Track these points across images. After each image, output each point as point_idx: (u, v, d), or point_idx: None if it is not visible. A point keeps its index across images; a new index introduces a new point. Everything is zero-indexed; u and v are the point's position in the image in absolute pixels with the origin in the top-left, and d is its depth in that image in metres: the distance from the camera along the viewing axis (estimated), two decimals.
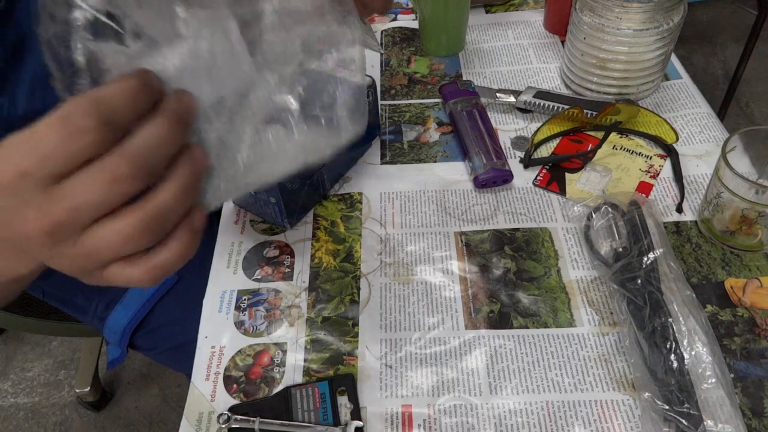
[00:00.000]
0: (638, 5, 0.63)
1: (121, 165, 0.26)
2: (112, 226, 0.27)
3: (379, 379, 0.49)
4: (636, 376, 0.47)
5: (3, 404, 1.34)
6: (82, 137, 0.26)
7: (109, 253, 0.28)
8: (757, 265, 0.54)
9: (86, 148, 0.26)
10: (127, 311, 0.68)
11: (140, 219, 0.28)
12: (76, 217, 0.27)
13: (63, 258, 0.29)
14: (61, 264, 0.29)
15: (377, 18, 0.89)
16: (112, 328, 0.69)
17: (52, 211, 0.27)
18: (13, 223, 0.28)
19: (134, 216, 0.27)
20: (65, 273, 0.30)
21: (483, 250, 0.58)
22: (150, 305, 0.68)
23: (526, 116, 0.72)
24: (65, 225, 0.27)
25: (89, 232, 0.27)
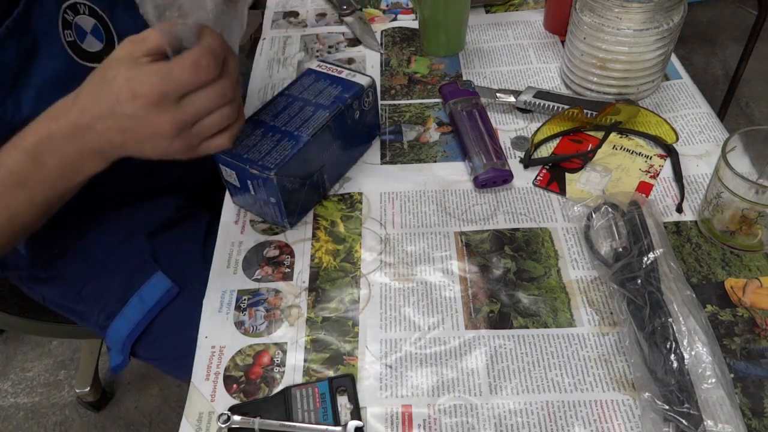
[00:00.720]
0: (638, 5, 0.63)
1: (226, 84, 0.45)
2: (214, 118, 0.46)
3: (379, 379, 0.49)
4: (636, 376, 0.47)
5: (3, 404, 1.34)
6: (206, 73, 0.44)
7: (210, 131, 0.47)
8: (757, 265, 0.54)
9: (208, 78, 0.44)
10: (128, 323, 0.68)
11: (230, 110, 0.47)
12: (196, 117, 0.45)
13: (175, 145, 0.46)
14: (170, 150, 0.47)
15: (377, 18, 0.89)
16: (114, 338, 0.69)
17: (182, 116, 0.44)
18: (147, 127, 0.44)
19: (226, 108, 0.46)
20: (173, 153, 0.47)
21: (483, 250, 0.58)
22: (150, 317, 0.68)
23: (526, 116, 0.72)
24: (189, 122, 0.45)
25: (200, 123, 0.46)
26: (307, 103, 0.61)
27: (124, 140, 0.46)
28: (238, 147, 0.56)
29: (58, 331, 0.91)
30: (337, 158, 0.63)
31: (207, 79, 0.44)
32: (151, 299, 0.68)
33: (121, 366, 0.70)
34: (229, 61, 0.46)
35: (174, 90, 0.43)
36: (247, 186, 0.57)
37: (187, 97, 0.44)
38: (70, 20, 0.60)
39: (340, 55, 0.83)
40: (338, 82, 0.63)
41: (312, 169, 0.59)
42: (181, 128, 0.45)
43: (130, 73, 0.44)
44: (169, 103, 0.43)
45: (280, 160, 0.55)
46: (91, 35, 0.62)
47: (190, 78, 0.43)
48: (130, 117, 0.44)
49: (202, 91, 0.44)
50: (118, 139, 0.46)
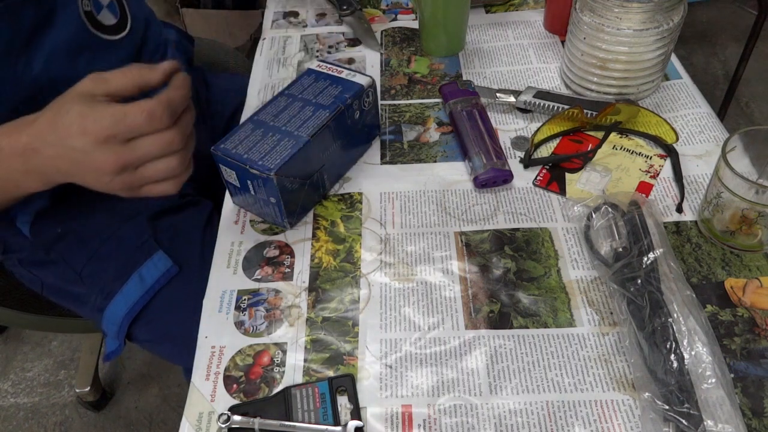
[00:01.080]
0: (638, 5, 0.63)
1: (175, 135, 0.47)
2: (160, 164, 0.47)
3: (379, 379, 0.49)
4: (636, 376, 0.47)
5: (3, 404, 1.34)
6: (159, 123, 0.45)
7: (154, 177, 0.48)
8: (757, 265, 0.54)
9: (159, 127, 0.46)
10: (126, 300, 0.68)
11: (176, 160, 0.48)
12: (140, 161, 0.47)
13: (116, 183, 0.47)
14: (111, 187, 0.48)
15: (377, 18, 0.89)
16: (111, 319, 0.69)
17: (126, 157, 0.46)
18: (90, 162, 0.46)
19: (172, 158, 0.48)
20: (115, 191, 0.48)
21: (483, 250, 0.58)
22: (149, 296, 0.68)
23: (526, 116, 0.72)
24: (132, 164, 0.46)
25: (145, 167, 0.47)
26: (307, 103, 0.61)
27: (68, 169, 0.48)
28: (239, 147, 0.56)
29: (57, 325, 0.91)
30: (337, 158, 0.63)
31: (158, 127, 0.46)
32: (151, 278, 0.68)
33: (116, 352, 0.70)
34: (186, 115, 0.49)
35: (122, 133, 0.45)
36: (247, 186, 0.57)
37: (135, 140, 0.46)
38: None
39: (340, 55, 0.83)
40: (338, 82, 0.63)
41: (312, 169, 0.59)
42: (123, 168, 0.46)
43: (85, 110, 0.46)
44: (116, 144, 0.45)
45: (280, 160, 0.55)
46: (107, 9, 0.66)
47: (141, 125, 0.45)
48: (77, 150, 0.46)
49: (150, 137, 0.46)
50: (63, 167, 0.48)
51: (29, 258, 0.73)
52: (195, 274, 0.67)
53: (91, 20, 0.63)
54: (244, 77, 0.84)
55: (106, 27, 0.65)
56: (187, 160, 0.50)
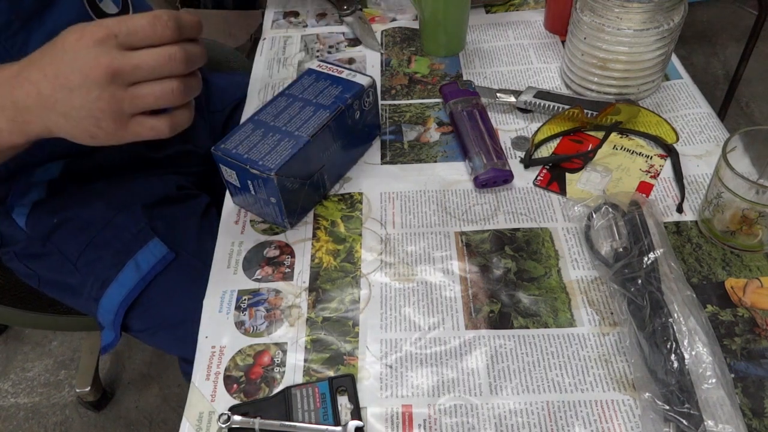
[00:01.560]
0: (638, 5, 0.63)
1: (179, 52, 0.42)
2: (156, 85, 0.42)
3: (380, 379, 0.49)
4: (636, 376, 0.47)
5: (3, 404, 1.34)
6: (162, 30, 0.41)
7: (144, 102, 0.42)
8: (758, 265, 0.54)
9: (160, 37, 0.41)
10: (121, 289, 0.68)
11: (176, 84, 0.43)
12: (134, 72, 0.41)
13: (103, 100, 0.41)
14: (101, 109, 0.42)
15: (377, 18, 0.89)
16: (107, 307, 0.68)
17: (119, 62, 0.41)
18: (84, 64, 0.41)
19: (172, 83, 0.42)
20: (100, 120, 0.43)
21: (483, 250, 0.58)
22: (145, 282, 0.68)
23: (526, 116, 0.72)
24: (125, 73, 0.41)
25: (138, 85, 0.42)
26: (308, 103, 0.61)
27: (51, 92, 0.43)
28: (239, 147, 0.56)
29: (56, 323, 0.91)
30: (337, 158, 0.63)
31: (162, 35, 0.41)
32: (147, 264, 0.68)
33: (111, 344, 0.70)
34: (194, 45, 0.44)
35: (122, 33, 0.40)
36: (248, 186, 0.57)
37: (133, 51, 0.41)
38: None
39: (340, 55, 0.83)
40: (338, 82, 0.63)
41: (312, 169, 0.59)
42: (116, 74, 0.41)
43: (86, 24, 0.42)
44: (112, 46, 0.41)
45: (280, 160, 0.55)
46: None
47: (144, 26, 0.41)
48: (68, 58, 0.41)
49: (151, 49, 0.41)
50: (45, 90, 0.43)
51: (25, 251, 0.73)
52: (191, 262, 0.67)
53: (93, 7, 0.63)
54: (243, 75, 0.84)
55: (107, 15, 0.65)
56: (187, 95, 0.44)
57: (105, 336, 0.70)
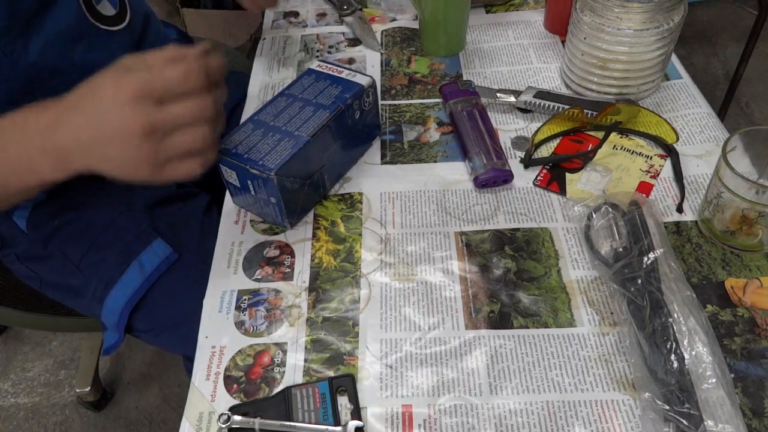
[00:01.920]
0: (638, 5, 0.63)
1: (209, 101, 0.45)
2: (189, 133, 0.45)
3: (380, 379, 0.49)
4: (636, 376, 0.47)
5: (3, 404, 1.34)
6: (194, 81, 0.44)
7: (181, 149, 0.45)
8: (758, 265, 0.54)
9: (192, 89, 0.44)
10: (125, 290, 0.68)
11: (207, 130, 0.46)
12: (170, 125, 0.44)
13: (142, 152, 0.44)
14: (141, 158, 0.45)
15: (377, 18, 0.89)
16: (111, 309, 0.68)
17: (156, 118, 0.43)
18: (122, 119, 0.43)
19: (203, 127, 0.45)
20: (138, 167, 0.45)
21: (483, 250, 0.58)
22: (149, 283, 0.68)
23: (526, 116, 0.72)
24: (161, 127, 0.44)
25: (173, 135, 0.44)
26: (308, 103, 0.61)
27: (91, 140, 0.45)
28: (239, 147, 0.56)
29: (56, 324, 0.91)
30: (337, 158, 0.63)
31: (193, 86, 0.44)
32: (151, 265, 0.68)
33: (115, 345, 0.69)
34: (218, 88, 0.47)
35: (157, 89, 0.43)
36: (248, 186, 0.57)
37: (168, 104, 0.44)
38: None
39: (340, 55, 0.83)
40: (338, 82, 0.63)
41: (312, 169, 0.59)
42: (154, 129, 0.44)
43: (120, 74, 0.45)
44: (148, 102, 0.43)
45: (280, 160, 0.55)
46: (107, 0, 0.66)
47: (177, 80, 0.43)
48: (107, 111, 0.44)
49: (183, 101, 0.44)
50: (85, 137, 0.45)
51: (26, 253, 0.73)
52: (194, 262, 0.67)
53: (90, 10, 0.64)
54: (242, 74, 0.84)
55: (104, 17, 0.65)
56: (216, 135, 0.48)
57: (108, 337, 0.70)
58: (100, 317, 0.70)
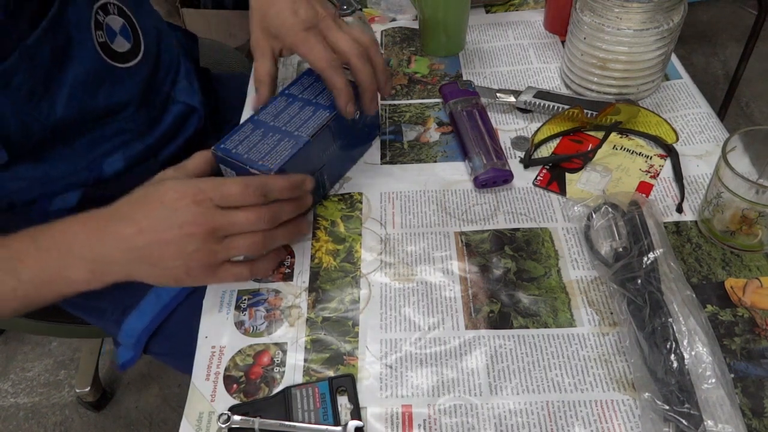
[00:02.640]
0: (638, 5, 0.63)
1: (265, 215, 0.49)
2: (244, 238, 0.48)
3: (379, 379, 0.49)
4: (636, 376, 0.47)
5: (3, 404, 1.34)
6: (251, 195, 0.48)
7: (234, 252, 0.49)
8: (758, 265, 0.54)
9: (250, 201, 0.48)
10: (142, 317, 0.68)
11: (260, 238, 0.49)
12: (229, 228, 0.47)
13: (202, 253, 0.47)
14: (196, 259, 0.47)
15: (377, 18, 0.89)
16: (128, 333, 0.69)
17: (218, 221, 0.47)
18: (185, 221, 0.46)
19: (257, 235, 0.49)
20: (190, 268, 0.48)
21: (483, 250, 0.58)
22: (166, 313, 0.68)
23: (526, 116, 0.72)
24: (221, 230, 0.47)
25: (230, 238, 0.48)
26: (308, 103, 0.61)
27: (147, 245, 0.47)
28: (239, 147, 0.56)
29: (57, 330, 0.91)
30: (337, 158, 0.63)
31: (250, 200, 0.48)
32: (168, 294, 0.68)
33: (130, 362, 0.70)
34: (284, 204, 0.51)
35: (218, 198, 0.47)
36: None
37: (228, 209, 0.48)
38: (102, 21, 0.61)
39: None
40: None
41: (313, 168, 0.59)
42: (214, 231, 0.47)
43: (179, 181, 0.48)
44: (211, 206, 0.47)
45: (280, 160, 0.55)
46: (120, 35, 0.65)
47: (236, 193, 0.47)
48: (167, 214, 0.46)
49: (242, 209, 0.48)
50: (140, 242, 0.47)
51: None
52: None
53: (106, 51, 0.62)
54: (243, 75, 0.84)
55: (121, 55, 0.65)
56: (270, 244, 0.51)
57: (122, 354, 0.70)
58: (117, 337, 0.70)
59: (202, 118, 0.77)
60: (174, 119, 0.74)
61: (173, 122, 0.74)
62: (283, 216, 0.51)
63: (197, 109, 0.76)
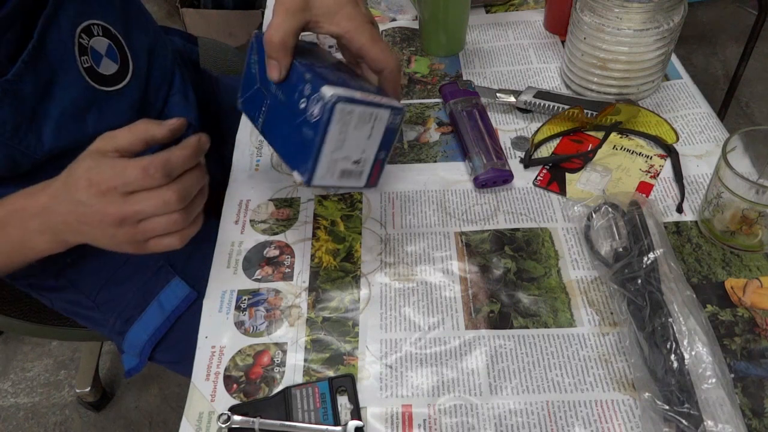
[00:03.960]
0: (638, 5, 0.63)
1: (171, 195, 0.46)
2: (160, 220, 0.47)
3: (379, 379, 0.49)
4: (636, 376, 0.47)
5: (3, 404, 1.34)
6: (152, 179, 0.46)
7: (156, 231, 0.48)
8: (758, 265, 0.54)
9: (153, 184, 0.46)
10: (147, 328, 0.68)
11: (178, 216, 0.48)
12: (138, 215, 0.47)
13: (120, 236, 0.48)
14: (121, 240, 0.49)
15: (377, 18, 0.89)
16: (133, 343, 0.69)
17: (125, 209, 0.46)
18: (94, 214, 0.47)
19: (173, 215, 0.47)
20: (122, 246, 0.49)
21: (483, 250, 0.58)
22: (169, 323, 0.68)
23: (526, 116, 0.72)
24: (131, 217, 0.47)
25: (145, 221, 0.47)
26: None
27: (78, 224, 0.49)
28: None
29: (57, 333, 0.91)
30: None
31: (152, 184, 0.46)
32: (170, 305, 0.68)
33: (135, 369, 0.70)
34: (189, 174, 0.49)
35: (120, 186, 0.46)
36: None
37: (133, 194, 0.47)
38: (86, 45, 0.59)
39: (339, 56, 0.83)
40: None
41: None
42: (123, 220, 0.47)
43: (92, 164, 0.47)
44: (116, 196, 0.46)
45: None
46: (107, 57, 0.62)
47: (136, 178, 0.46)
48: (82, 203, 0.47)
49: (146, 192, 0.47)
50: (73, 223, 0.49)
51: (39, 283, 0.72)
52: None
53: (92, 75, 0.60)
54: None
55: (108, 78, 0.62)
56: (191, 216, 0.50)
57: (128, 361, 0.70)
58: (121, 346, 0.70)
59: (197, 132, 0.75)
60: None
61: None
62: (194, 189, 0.49)
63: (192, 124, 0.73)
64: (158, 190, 0.47)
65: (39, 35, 0.55)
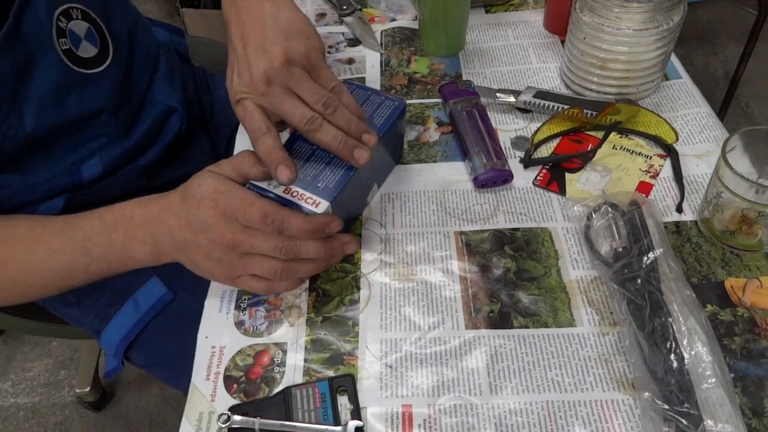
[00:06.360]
0: (638, 5, 0.63)
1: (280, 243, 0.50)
2: (263, 261, 0.50)
3: (379, 379, 0.49)
4: (636, 376, 0.47)
5: (3, 404, 1.34)
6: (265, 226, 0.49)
7: (252, 271, 0.51)
8: (757, 264, 0.54)
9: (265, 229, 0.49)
10: (120, 328, 0.68)
11: (280, 267, 0.51)
12: (251, 248, 0.50)
13: (224, 262, 0.51)
14: (219, 265, 0.51)
15: (377, 18, 0.89)
16: (107, 342, 0.69)
17: (241, 237, 0.49)
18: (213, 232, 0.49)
19: (277, 263, 0.50)
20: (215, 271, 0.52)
21: (483, 250, 0.58)
22: (142, 324, 0.68)
23: (526, 116, 0.72)
24: (243, 246, 0.50)
25: (250, 256, 0.50)
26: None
27: (185, 239, 0.51)
28: None
29: (56, 331, 0.91)
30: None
31: (268, 230, 0.49)
32: (146, 304, 0.68)
33: (115, 370, 0.70)
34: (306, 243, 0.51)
35: (243, 218, 0.49)
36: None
37: (252, 228, 0.50)
38: (64, 27, 0.59)
39: (339, 56, 0.83)
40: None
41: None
42: (235, 247, 0.49)
43: (219, 186, 0.50)
44: (237, 224, 0.49)
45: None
46: (86, 40, 0.62)
47: (255, 218, 0.49)
48: (202, 220, 0.49)
49: (263, 233, 0.50)
50: (180, 236, 0.51)
51: None
52: (188, 300, 0.67)
53: (71, 58, 0.60)
54: None
55: (88, 60, 0.61)
56: (288, 275, 0.51)
57: (109, 361, 0.71)
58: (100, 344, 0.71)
59: (183, 118, 0.74)
60: (153, 121, 0.70)
61: (152, 124, 0.70)
62: (302, 254, 0.51)
63: (177, 109, 0.73)
64: (272, 236, 0.50)
65: (14, 16, 0.54)
